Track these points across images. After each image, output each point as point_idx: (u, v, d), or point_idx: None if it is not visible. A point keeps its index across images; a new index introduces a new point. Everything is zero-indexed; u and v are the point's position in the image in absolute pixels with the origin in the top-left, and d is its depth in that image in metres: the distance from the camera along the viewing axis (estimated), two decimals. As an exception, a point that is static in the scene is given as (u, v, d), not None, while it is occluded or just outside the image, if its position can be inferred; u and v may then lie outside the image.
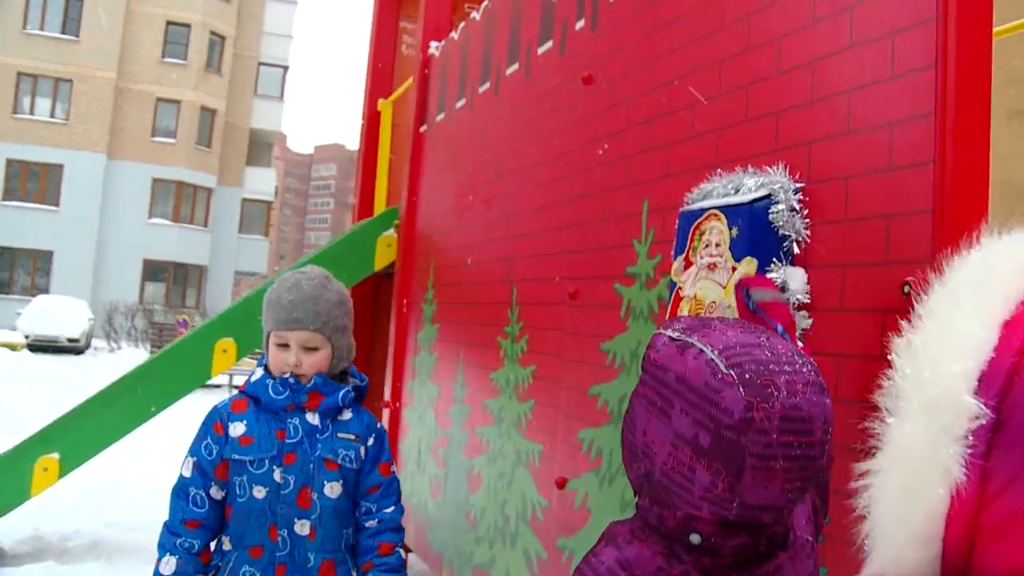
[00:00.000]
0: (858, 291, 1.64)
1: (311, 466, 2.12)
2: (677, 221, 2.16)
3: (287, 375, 2.13)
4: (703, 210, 2.01)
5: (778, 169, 1.85)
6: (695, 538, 1.08)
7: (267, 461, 2.09)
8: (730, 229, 1.89)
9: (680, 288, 2.04)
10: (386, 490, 2.23)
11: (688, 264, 2.03)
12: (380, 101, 5.97)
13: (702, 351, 1.08)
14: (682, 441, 1.10)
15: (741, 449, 0.99)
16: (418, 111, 4.88)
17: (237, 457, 2.08)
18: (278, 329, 2.13)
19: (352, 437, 2.21)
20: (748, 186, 1.92)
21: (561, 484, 2.75)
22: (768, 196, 1.84)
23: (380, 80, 6.08)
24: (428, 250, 4.54)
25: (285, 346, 2.14)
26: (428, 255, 4.50)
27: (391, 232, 4.99)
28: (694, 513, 1.07)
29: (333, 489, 2.16)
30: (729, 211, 1.90)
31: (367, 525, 2.21)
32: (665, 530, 1.13)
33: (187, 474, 2.11)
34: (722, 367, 1.04)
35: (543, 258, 3.12)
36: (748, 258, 1.83)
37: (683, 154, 2.27)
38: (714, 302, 1.90)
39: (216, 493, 2.11)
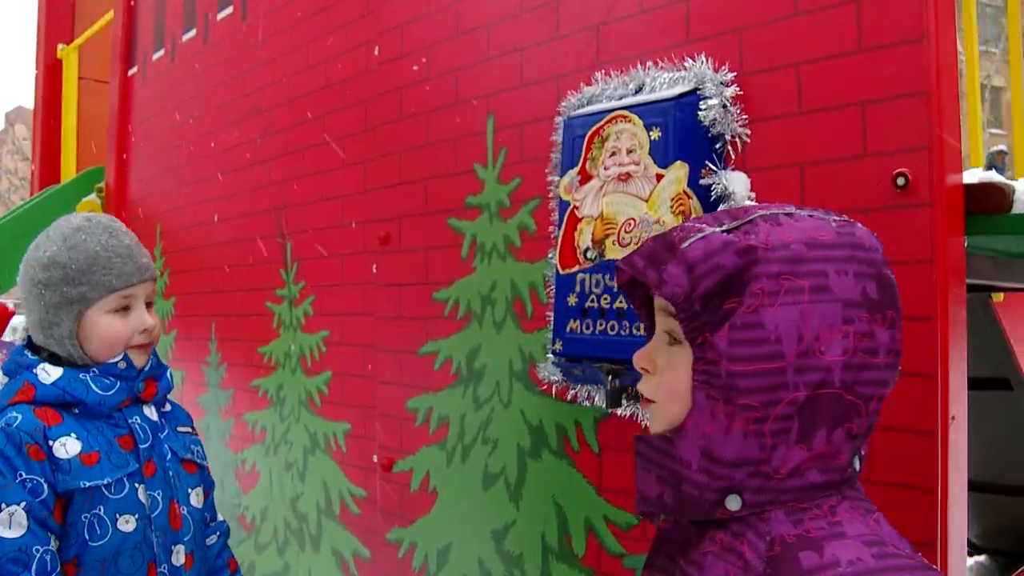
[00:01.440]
0: (825, 191, 1.43)
1: (171, 474, 1.48)
2: (556, 132, 1.82)
3: (118, 358, 1.46)
4: (601, 113, 1.69)
5: (700, 61, 1.59)
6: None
7: (126, 480, 1.41)
8: (648, 131, 1.59)
9: (576, 207, 1.71)
10: (212, 494, 1.66)
11: (586, 178, 1.70)
12: (60, 47, 4.88)
13: (792, 213, 0.95)
14: (854, 306, 0.90)
15: (893, 280, 0.93)
16: (123, 51, 3.99)
17: (86, 485, 1.37)
18: (124, 287, 1.46)
19: (189, 429, 1.61)
20: (660, 82, 1.64)
21: (388, 466, 2.30)
22: (695, 91, 1.57)
23: (57, 22, 4.98)
24: (151, 214, 3.73)
25: (125, 309, 1.47)
26: (151, 219, 3.69)
27: (93, 197, 4.05)
28: (884, 392, 0.91)
29: (198, 497, 1.57)
30: (646, 110, 1.60)
31: (209, 541, 1.63)
32: (852, 450, 0.92)
33: (16, 533, 1.31)
34: (831, 214, 0.96)
35: (330, 202, 2.61)
36: (678, 162, 1.55)
37: (541, 57, 1.93)
38: (633, 219, 1.60)
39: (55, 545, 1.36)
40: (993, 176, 1.44)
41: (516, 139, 1.99)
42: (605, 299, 1.63)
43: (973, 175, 1.45)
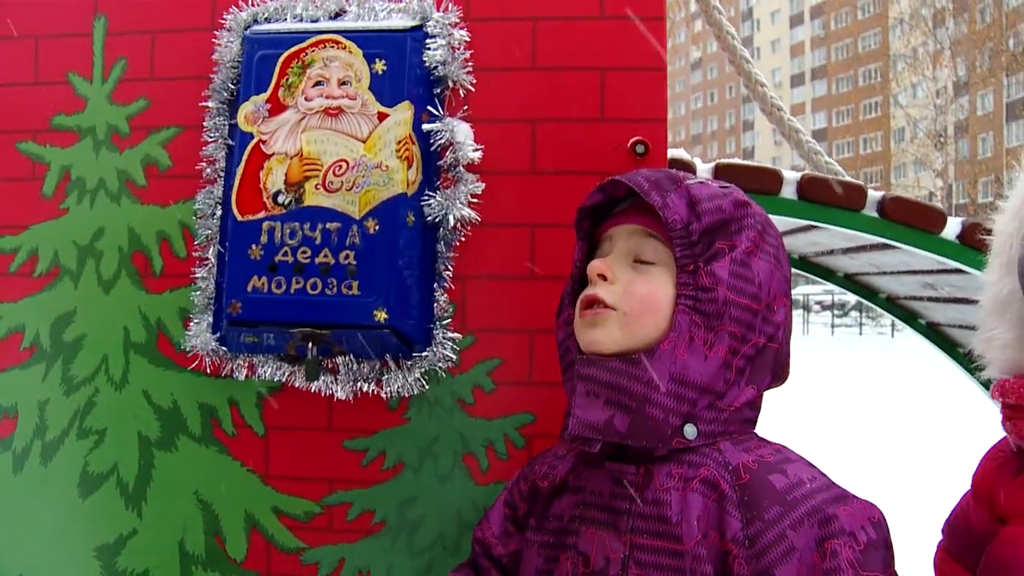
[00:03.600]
0: (559, 151, 1.43)
1: None
2: (220, 49, 1.49)
3: None
4: (301, 34, 1.43)
5: (422, -5, 1.46)
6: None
7: None
8: (370, 64, 1.40)
9: (262, 141, 1.42)
10: None
11: (278, 108, 1.43)
12: None
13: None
14: (788, 284, 1.03)
15: None
16: None
17: None
18: None
19: None
20: (372, 11, 1.46)
21: None
22: (421, 27, 1.43)
23: None
24: None
25: None
26: None
27: None
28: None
29: None
30: (368, 39, 1.41)
31: None
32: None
33: None
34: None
35: None
36: (406, 102, 1.40)
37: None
38: (345, 161, 1.39)
39: None
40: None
41: (142, 50, 1.57)
42: (304, 252, 1.39)
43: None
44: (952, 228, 1.64)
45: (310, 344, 1.39)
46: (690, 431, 0.93)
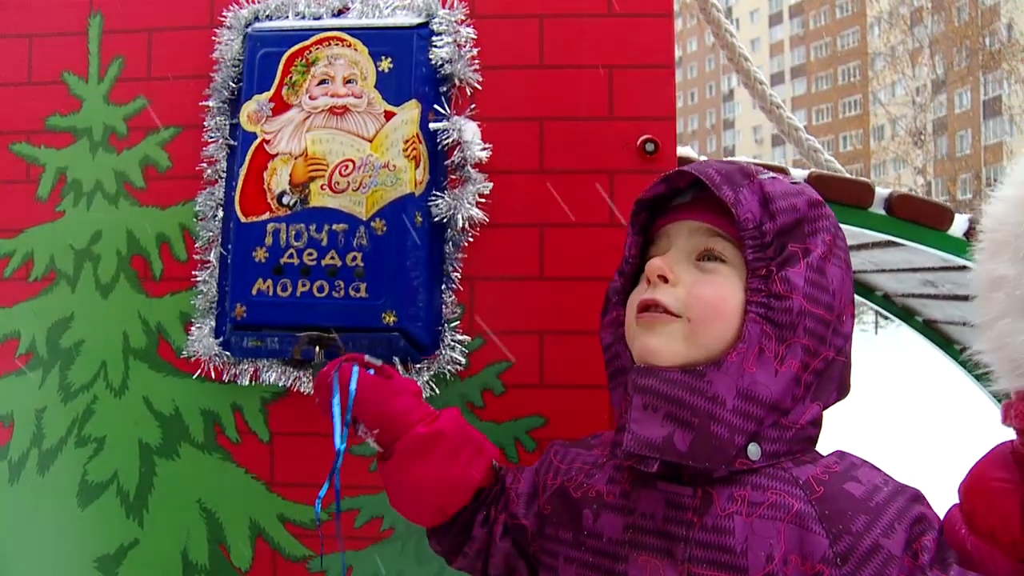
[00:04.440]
0: (567, 149, 1.41)
1: None
2: (220, 47, 1.46)
3: None
4: (304, 31, 1.41)
5: (426, -8, 1.43)
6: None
7: None
8: (376, 62, 1.38)
9: (267, 141, 1.39)
10: None
11: (282, 107, 1.40)
12: None
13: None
14: (853, 292, 0.96)
15: None
16: None
17: None
18: None
19: None
20: (376, 8, 1.44)
21: None
22: (427, 24, 1.41)
23: None
24: None
25: None
26: None
27: None
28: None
29: None
30: (374, 36, 1.39)
31: None
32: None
33: None
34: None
35: None
36: (413, 101, 1.38)
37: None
38: (351, 161, 1.36)
39: None
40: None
41: (139, 49, 1.54)
42: (309, 255, 1.37)
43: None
44: (959, 225, 1.64)
45: (317, 348, 1.36)
46: (754, 451, 0.86)
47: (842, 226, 1.66)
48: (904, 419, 10.35)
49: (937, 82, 32.53)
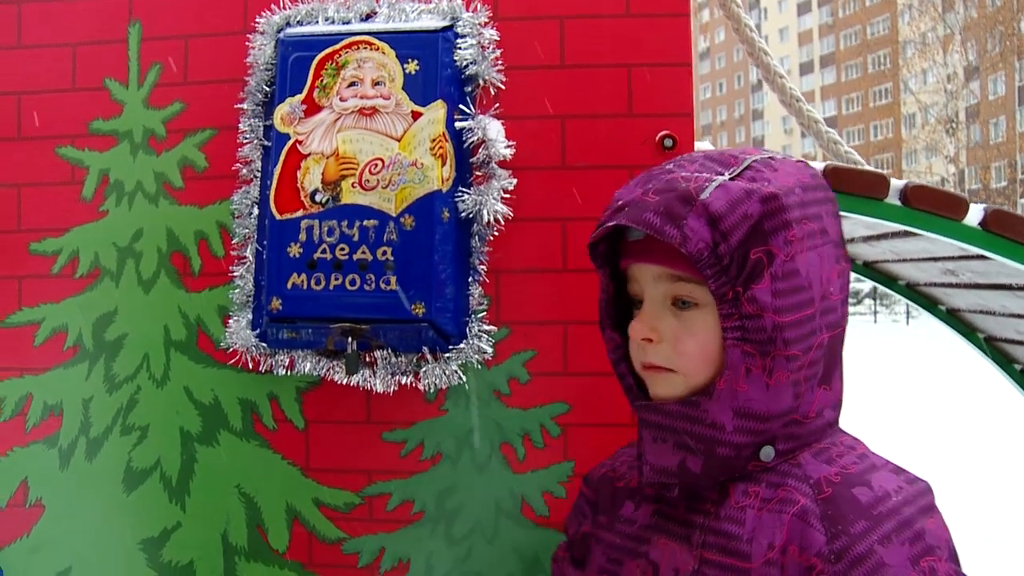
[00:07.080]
0: (588, 146, 1.46)
1: None
2: (255, 52, 1.53)
3: None
4: (334, 36, 1.47)
5: (451, -5, 1.49)
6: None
7: None
8: (403, 64, 1.44)
9: (299, 141, 1.46)
10: None
11: (313, 108, 1.46)
12: None
13: (773, 156, 0.96)
14: (839, 245, 0.95)
15: None
16: None
17: None
18: None
19: None
20: (403, 12, 1.49)
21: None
22: (452, 27, 1.46)
23: None
24: None
25: None
26: None
27: None
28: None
29: None
30: (401, 40, 1.44)
31: None
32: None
33: None
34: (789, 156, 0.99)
35: None
36: (439, 101, 1.43)
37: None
38: (380, 159, 1.42)
39: None
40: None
41: (177, 54, 1.61)
42: (342, 249, 1.43)
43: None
44: (975, 215, 1.66)
45: (349, 339, 1.42)
46: (766, 453, 0.90)
47: (858, 217, 1.69)
48: (936, 407, 10.26)
49: (969, 69, 32.06)
